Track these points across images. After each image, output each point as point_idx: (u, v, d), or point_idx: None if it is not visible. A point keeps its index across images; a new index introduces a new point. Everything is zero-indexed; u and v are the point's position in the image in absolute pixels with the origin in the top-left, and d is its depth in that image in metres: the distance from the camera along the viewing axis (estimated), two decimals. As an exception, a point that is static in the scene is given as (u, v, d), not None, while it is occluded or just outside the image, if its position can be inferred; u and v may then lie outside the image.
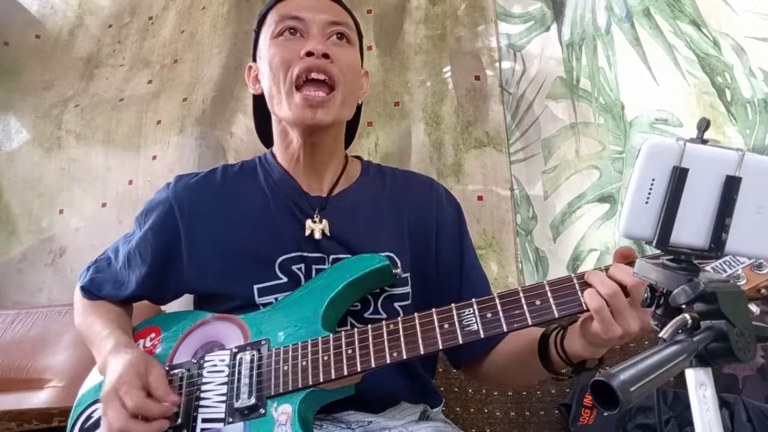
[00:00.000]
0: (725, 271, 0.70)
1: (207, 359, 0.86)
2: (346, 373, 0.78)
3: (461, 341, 0.75)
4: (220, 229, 0.95)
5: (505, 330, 0.75)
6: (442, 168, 2.16)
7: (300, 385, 0.79)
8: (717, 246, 0.49)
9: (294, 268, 0.91)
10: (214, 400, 0.82)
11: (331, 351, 0.80)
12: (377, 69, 2.31)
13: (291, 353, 0.82)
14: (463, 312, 0.77)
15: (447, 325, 0.77)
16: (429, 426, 0.91)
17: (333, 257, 0.92)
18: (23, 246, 2.26)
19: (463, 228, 1.04)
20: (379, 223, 0.97)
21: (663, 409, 1.29)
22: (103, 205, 2.24)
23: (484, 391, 1.55)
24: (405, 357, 0.77)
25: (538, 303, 0.74)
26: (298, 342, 0.83)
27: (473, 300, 0.77)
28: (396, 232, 0.97)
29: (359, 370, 0.78)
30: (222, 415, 0.81)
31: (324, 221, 0.94)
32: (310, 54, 0.89)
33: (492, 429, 1.52)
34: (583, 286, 0.73)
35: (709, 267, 0.70)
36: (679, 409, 1.29)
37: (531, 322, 0.74)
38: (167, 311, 1.02)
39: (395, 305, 0.93)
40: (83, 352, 1.19)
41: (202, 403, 0.83)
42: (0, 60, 2.51)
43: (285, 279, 0.91)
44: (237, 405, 0.80)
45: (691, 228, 0.50)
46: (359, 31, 1.02)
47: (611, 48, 2.00)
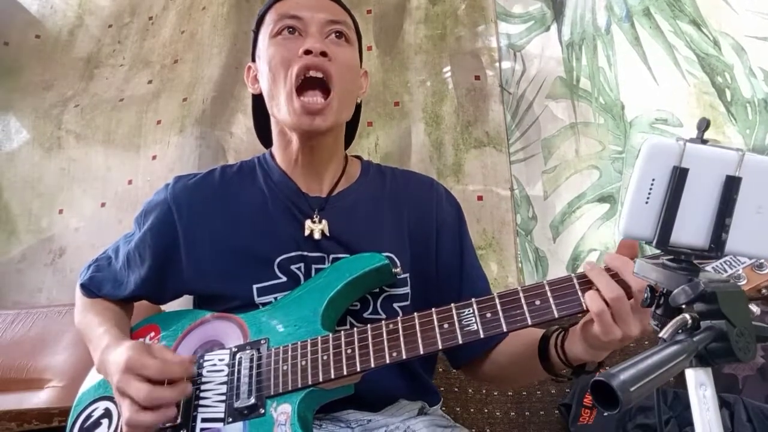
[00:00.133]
0: (726, 271, 0.70)
1: (206, 358, 0.86)
2: (345, 373, 0.78)
3: (461, 341, 0.75)
4: (218, 230, 0.95)
5: (505, 330, 0.74)
6: (442, 168, 2.16)
7: (299, 385, 0.79)
8: (717, 246, 0.49)
9: (293, 267, 0.91)
10: (213, 399, 0.82)
11: (331, 351, 0.80)
12: (377, 69, 2.32)
13: (290, 353, 0.82)
14: (463, 312, 0.77)
15: (447, 325, 0.76)
16: (426, 419, 0.91)
17: (333, 257, 0.92)
18: (23, 246, 2.26)
19: (463, 228, 1.04)
20: (379, 223, 0.97)
21: (663, 409, 1.29)
22: (103, 205, 2.24)
23: (484, 391, 1.55)
24: (404, 357, 0.76)
25: (537, 303, 0.74)
26: (297, 341, 0.83)
27: (473, 300, 0.77)
28: (396, 232, 0.97)
29: (359, 369, 0.78)
30: (221, 415, 0.80)
31: (324, 221, 0.94)
32: (308, 52, 0.89)
33: (492, 429, 1.52)
34: (584, 285, 0.73)
35: (710, 267, 0.70)
36: (679, 409, 1.29)
37: (531, 322, 0.74)
38: (166, 310, 1.02)
39: (394, 305, 0.93)
40: (83, 352, 1.19)
41: (201, 403, 0.82)
42: (0, 60, 2.51)
43: (284, 279, 0.91)
44: (236, 405, 0.80)
45: (691, 228, 0.50)
46: (358, 31, 1.02)
47: (611, 48, 2.00)
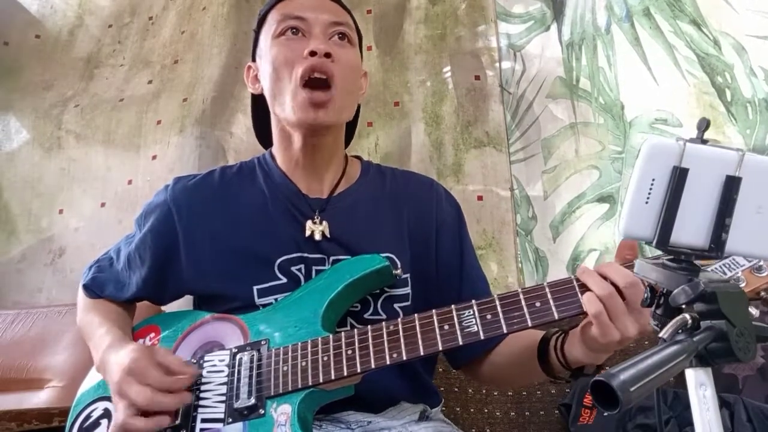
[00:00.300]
0: (725, 274, 0.70)
1: (206, 359, 0.86)
2: (345, 374, 0.78)
3: (461, 342, 0.75)
4: (218, 230, 0.94)
5: (505, 331, 0.74)
6: (442, 168, 2.16)
7: (299, 386, 0.79)
8: (717, 246, 0.49)
9: (293, 269, 0.91)
10: (213, 400, 0.82)
11: (331, 351, 0.80)
12: (377, 69, 2.32)
13: (290, 353, 0.82)
14: (463, 313, 0.77)
15: (447, 326, 0.76)
16: (428, 426, 0.91)
17: (333, 258, 0.92)
18: (23, 246, 2.26)
19: (463, 228, 1.04)
20: (379, 224, 0.97)
21: (663, 409, 1.29)
22: (103, 205, 2.24)
23: (484, 391, 1.55)
24: (405, 358, 0.76)
25: (538, 305, 0.74)
26: (297, 342, 0.83)
27: (473, 301, 0.77)
28: (396, 232, 0.97)
29: (359, 370, 0.78)
30: (221, 416, 0.80)
31: (324, 222, 0.94)
32: (313, 53, 0.89)
33: (492, 429, 1.52)
34: (584, 287, 0.73)
35: (710, 269, 0.69)
36: (679, 409, 1.29)
37: (531, 323, 0.74)
38: (167, 311, 1.02)
39: (395, 306, 0.93)
40: (83, 352, 1.19)
41: (201, 403, 0.82)
42: (0, 60, 2.51)
43: (284, 280, 0.91)
44: (236, 405, 0.80)
45: (691, 228, 0.50)
46: (359, 32, 1.02)
47: (611, 48, 2.00)
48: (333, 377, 0.78)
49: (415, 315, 0.79)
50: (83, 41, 2.58)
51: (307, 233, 0.93)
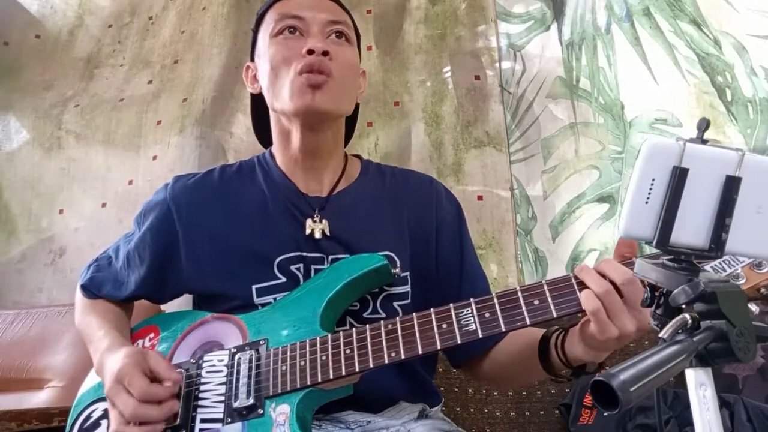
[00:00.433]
0: (724, 270, 0.69)
1: (206, 359, 0.86)
2: (344, 373, 0.78)
3: (459, 341, 0.75)
4: (218, 229, 0.94)
5: (504, 330, 0.74)
6: (442, 168, 2.16)
7: (298, 385, 0.79)
8: (717, 246, 0.49)
9: (293, 268, 0.91)
10: (212, 400, 0.82)
11: (330, 351, 0.80)
12: (377, 69, 2.31)
13: (289, 353, 0.82)
14: (462, 312, 0.76)
15: (445, 325, 0.76)
16: (427, 423, 0.91)
17: (332, 257, 0.92)
18: (23, 246, 2.26)
19: (463, 226, 1.04)
20: (379, 223, 0.97)
21: (663, 409, 1.28)
22: (103, 205, 2.25)
23: (484, 391, 1.55)
24: (403, 357, 0.76)
25: (536, 303, 0.74)
26: (296, 342, 0.82)
27: (471, 300, 0.77)
28: (396, 231, 0.97)
29: (357, 370, 0.77)
30: (220, 416, 0.80)
31: (324, 221, 0.94)
32: (311, 52, 0.89)
33: (492, 429, 1.52)
34: (582, 285, 0.73)
35: (708, 266, 0.69)
36: (679, 409, 1.29)
37: (529, 321, 0.74)
38: (167, 311, 1.02)
39: (394, 305, 0.92)
40: (83, 352, 1.19)
41: (200, 403, 0.82)
42: (0, 60, 2.51)
43: (283, 279, 0.91)
44: (235, 405, 0.80)
45: (691, 228, 0.49)
46: (357, 31, 1.02)
47: (611, 48, 2.00)
48: (331, 377, 0.78)
49: (414, 314, 0.79)
50: (83, 41, 2.58)
51: (307, 231, 0.93)
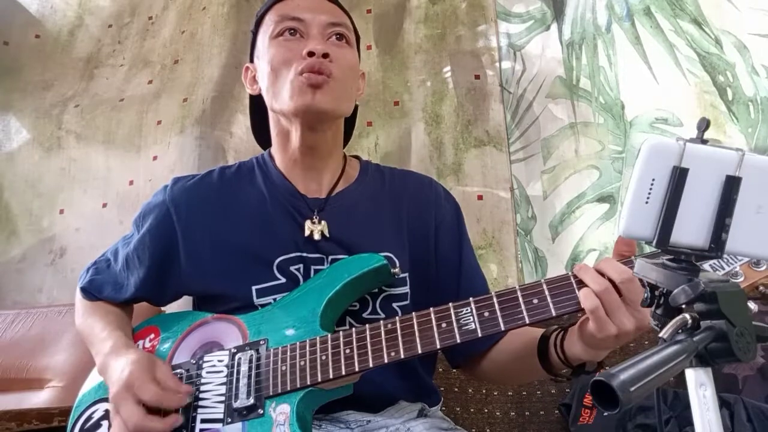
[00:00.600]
0: (723, 269, 0.69)
1: (206, 359, 0.86)
2: (344, 373, 0.78)
3: (459, 340, 0.75)
4: (217, 230, 0.94)
5: (503, 329, 0.74)
6: (442, 168, 2.16)
7: (298, 385, 0.79)
8: (717, 246, 0.49)
9: (292, 268, 0.91)
10: (212, 400, 0.82)
11: (329, 351, 0.80)
12: (377, 68, 2.32)
13: (289, 353, 0.82)
14: (461, 311, 0.76)
15: (445, 325, 0.76)
16: (426, 422, 0.91)
17: (332, 258, 0.92)
18: (23, 246, 2.26)
19: (462, 227, 1.04)
20: (379, 223, 0.97)
21: (663, 409, 1.29)
22: (104, 206, 2.25)
23: (484, 391, 1.55)
24: (403, 357, 0.76)
25: (535, 302, 0.74)
26: (296, 342, 0.82)
27: (471, 299, 0.77)
28: (395, 231, 0.97)
29: (357, 369, 0.77)
30: (221, 416, 0.80)
31: (323, 222, 0.94)
32: (311, 54, 0.89)
33: (492, 429, 1.52)
34: (581, 284, 0.73)
35: (707, 265, 0.69)
36: (679, 409, 1.29)
37: (529, 320, 0.74)
38: (167, 312, 1.02)
39: (394, 305, 0.92)
40: (83, 352, 1.19)
41: (200, 404, 0.82)
42: (0, 60, 2.51)
43: (283, 280, 0.91)
44: (235, 405, 0.80)
45: (691, 228, 0.49)
46: (356, 33, 1.02)
47: (612, 47, 2.00)
48: (331, 376, 0.78)
49: (413, 314, 0.79)
50: (83, 41, 2.58)
51: (306, 233, 0.93)
